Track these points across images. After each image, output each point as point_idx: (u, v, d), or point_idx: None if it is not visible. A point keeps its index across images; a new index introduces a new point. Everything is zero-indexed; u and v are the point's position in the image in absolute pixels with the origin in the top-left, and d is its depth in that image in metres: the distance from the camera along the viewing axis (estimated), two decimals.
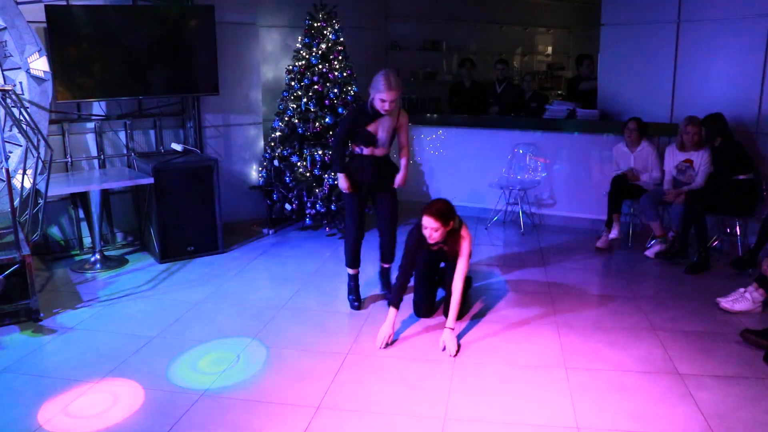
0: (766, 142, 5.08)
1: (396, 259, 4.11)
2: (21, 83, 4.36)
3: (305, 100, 5.80)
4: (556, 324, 3.90)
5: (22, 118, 4.00)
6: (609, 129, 5.93)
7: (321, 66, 5.84)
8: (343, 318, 4.07)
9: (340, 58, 5.91)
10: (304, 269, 4.96)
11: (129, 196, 5.56)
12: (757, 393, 3.06)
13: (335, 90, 5.81)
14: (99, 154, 5.34)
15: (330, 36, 5.88)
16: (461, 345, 3.59)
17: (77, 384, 3.18)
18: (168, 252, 5.11)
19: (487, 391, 3.12)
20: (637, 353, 3.50)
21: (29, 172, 4.09)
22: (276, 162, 5.88)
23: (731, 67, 5.32)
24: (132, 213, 5.59)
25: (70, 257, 5.23)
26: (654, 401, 3.00)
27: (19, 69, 4.35)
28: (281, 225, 6.14)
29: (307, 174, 5.77)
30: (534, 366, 3.37)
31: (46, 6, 4.68)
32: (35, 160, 4.01)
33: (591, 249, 5.45)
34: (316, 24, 5.87)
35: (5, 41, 4.28)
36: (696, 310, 4.09)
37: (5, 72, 4.36)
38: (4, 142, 3.87)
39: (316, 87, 5.80)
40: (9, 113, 3.92)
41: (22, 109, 3.99)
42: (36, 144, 4.01)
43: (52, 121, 4.81)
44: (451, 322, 3.58)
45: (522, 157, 6.30)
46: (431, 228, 3.58)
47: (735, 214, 4.94)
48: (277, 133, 5.92)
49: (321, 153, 5.72)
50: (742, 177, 4.85)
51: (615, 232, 5.41)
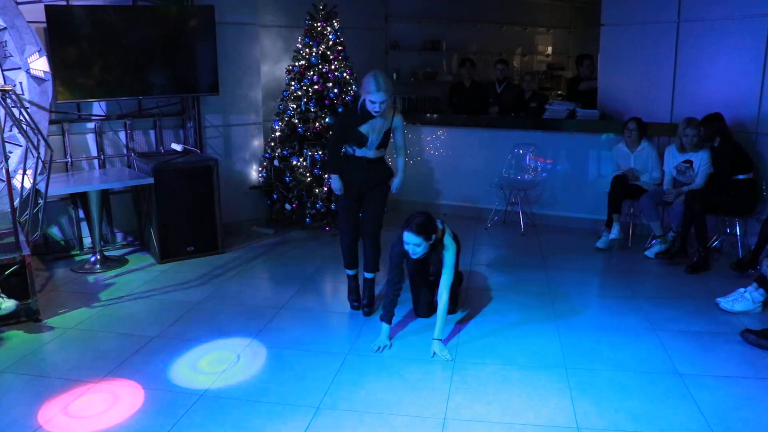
0: (765, 142, 5.07)
1: (382, 269, 4.07)
2: (21, 83, 4.36)
3: (305, 100, 5.80)
4: (556, 324, 3.90)
5: (22, 118, 4.00)
6: (609, 129, 5.93)
7: (321, 66, 5.85)
8: (343, 318, 4.07)
9: (340, 58, 5.92)
10: (304, 269, 4.96)
11: (129, 196, 5.56)
12: (757, 393, 3.07)
13: (335, 90, 5.82)
14: (99, 154, 5.34)
15: (330, 36, 5.89)
16: (459, 344, 3.60)
17: (77, 384, 3.18)
18: (168, 252, 5.10)
19: (487, 391, 3.11)
20: (637, 353, 3.50)
21: (29, 172, 4.09)
22: (276, 162, 5.88)
23: (731, 67, 5.31)
24: (132, 213, 5.59)
25: (70, 257, 5.23)
26: (654, 401, 3.00)
27: (19, 69, 4.35)
28: (281, 225, 6.14)
29: (307, 174, 5.77)
30: (534, 366, 3.37)
31: (46, 6, 4.68)
32: (35, 160, 4.01)
33: (591, 249, 5.44)
34: (316, 24, 5.87)
35: (5, 41, 4.28)
36: (696, 310, 4.09)
37: (5, 72, 4.37)
38: (4, 142, 3.87)
39: (316, 87, 5.80)
40: (9, 113, 3.92)
41: (22, 109, 3.99)
42: (36, 144, 4.01)
43: (52, 121, 4.82)
44: (439, 333, 3.54)
45: (522, 157, 6.30)
46: (413, 244, 3.47)
47: (735, 214, 4.94)
48: (277, 133, 5.93)
49: (321, 153, 5.73)
50: (741, 177, 4.86)
51: (615, 232, 5.41)
